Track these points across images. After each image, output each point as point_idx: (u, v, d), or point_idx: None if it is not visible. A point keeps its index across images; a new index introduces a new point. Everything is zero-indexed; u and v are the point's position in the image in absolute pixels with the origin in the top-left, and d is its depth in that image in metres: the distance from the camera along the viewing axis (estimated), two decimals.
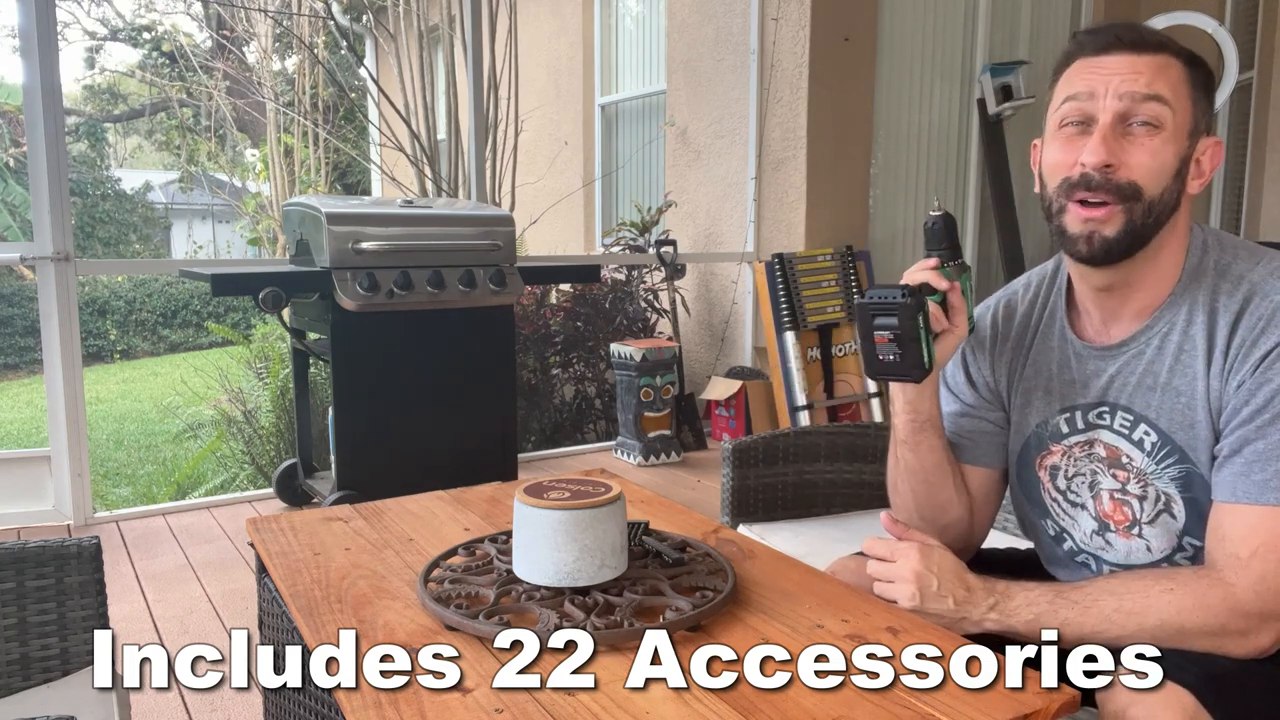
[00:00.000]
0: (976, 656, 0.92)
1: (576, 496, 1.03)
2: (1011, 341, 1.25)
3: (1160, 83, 1.04)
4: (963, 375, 1.30)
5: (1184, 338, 1.08)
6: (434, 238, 3.10)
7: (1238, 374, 1.03)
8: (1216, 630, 0.99)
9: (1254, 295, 1.04)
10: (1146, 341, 1.11)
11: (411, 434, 3.12)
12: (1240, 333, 1.04)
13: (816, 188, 4.42)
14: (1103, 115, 1.06)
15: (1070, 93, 1.09)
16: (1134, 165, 1.04)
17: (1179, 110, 1.05)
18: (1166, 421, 1.09)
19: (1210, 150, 1.09)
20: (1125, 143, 1.05)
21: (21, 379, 11.41)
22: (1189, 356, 1.07)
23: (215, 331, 7.97)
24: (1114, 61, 1.06)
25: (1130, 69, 1.05)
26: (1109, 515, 1.17)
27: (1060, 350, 1.20)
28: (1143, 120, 1.04)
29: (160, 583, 2.76)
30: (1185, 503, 1.10)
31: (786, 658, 0.93)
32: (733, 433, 4.50)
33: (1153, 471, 1.11)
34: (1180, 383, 1.08)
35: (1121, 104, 1.05)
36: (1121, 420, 1.13)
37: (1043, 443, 1.22)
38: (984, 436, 1.28)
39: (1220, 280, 1.08)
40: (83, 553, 1.33)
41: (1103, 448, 1.16)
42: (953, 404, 1.30)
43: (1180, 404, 1.08)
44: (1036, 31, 5.28)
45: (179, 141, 13.62)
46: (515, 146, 5.77)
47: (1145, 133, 1.05)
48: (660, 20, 5.70)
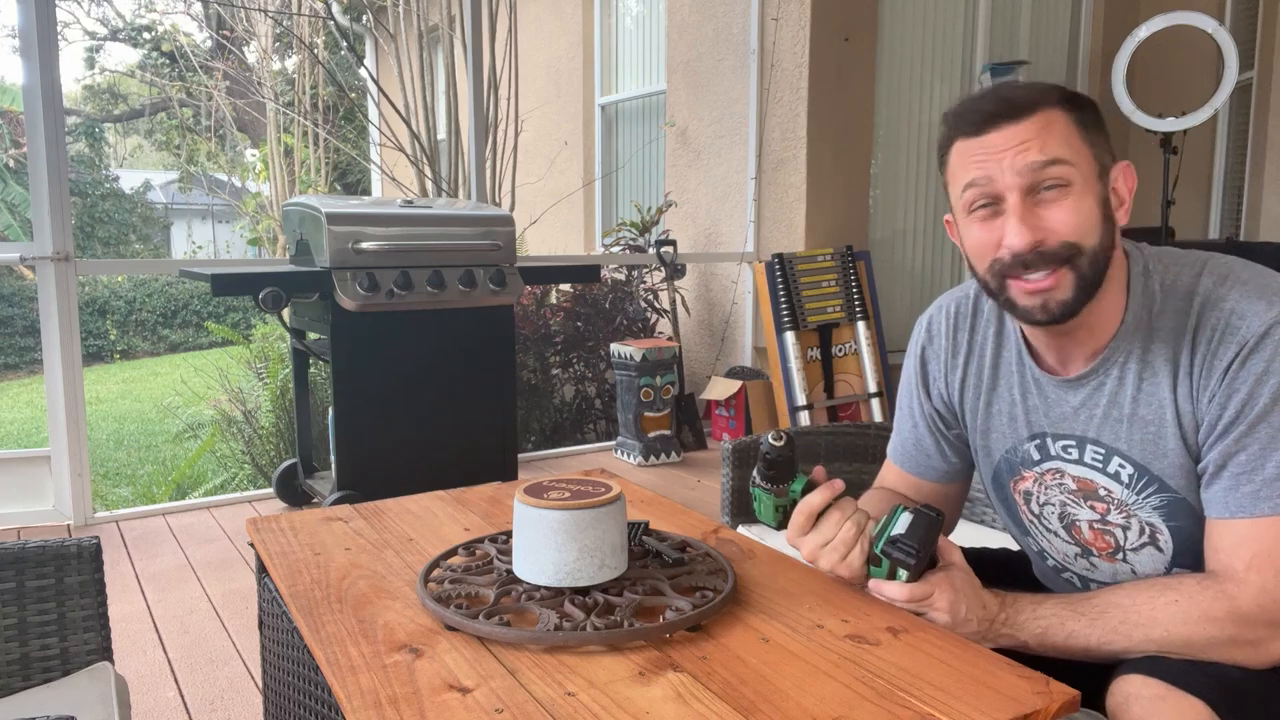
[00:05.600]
0: (976, 656, 0.92)
1: (576, 496, 1.03)
2: (965, 361, 1.23)
3: (1052, 143, 1.00)
4: (922, 392, 1.28)
5: (1143, 365, 1.05)
6: (434, 238, 3.10)
7: (1207, 389, 1.01)
8: (1226, 641, 0.98)
9: (1206, 308, 1.02)
10: (1106, 373, 1.08)
11: (411, 434, 3.12)
12: (1200, 347, 1.01)
13: (816, 188, 4.42)
14: (1010, 195, 1.01)
15: (967, 179, 1.04)
16: (1060, 229, 1.00)
17: (1079, 160, 1.01)
18: (1139, 452, 1.07)
19: (1123, 176, 1.06)
20: (1041, 211, 1.01)
21: (21, 379, 11.42)
22: (1151, 385, 1.05)
23: (215, 331, 7.96)
24: (996, 138, 1.01)
25: (1016, 141, 1.00)
26: (1090, 543, 1.15)
27: (1020, 376, 1.17)
28: (1050, 184, 1.00)
29: (160, 583, 2.76)
30: (1172, 532, 1.08)
31: (786, 658, 0.93)
32: (733, 433, 4.50)
33: (1134, 502, 1.09)
34: (1146, 412, 1.05)
35: (1023, 179, 1.00)
36: (1093, 454, 1.11)
37: (1014, 468, 1.20)
38: (944, 453, 1.29)
39: (1169, 300, 1.04)
40: (83, 553, 1.33)
41: (1072, 480, 1.14)
42: (914, 420, 1.30)
43: (1150, 434, 1.06)
44: (1036, 31, 5.28)
45: (179, 141, 13.63)
46: (515, 146, 5.77)
47: (1057, 194, 1.00)
48: (660, 20, 5.70)
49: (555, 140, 6.75)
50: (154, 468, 6.98)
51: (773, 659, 0.92)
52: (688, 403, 4.40)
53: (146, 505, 4.18)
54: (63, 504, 3.27)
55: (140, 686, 2.15)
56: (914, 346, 1.30)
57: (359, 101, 10.45)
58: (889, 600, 1.05)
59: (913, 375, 1.30)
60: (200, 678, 2.19)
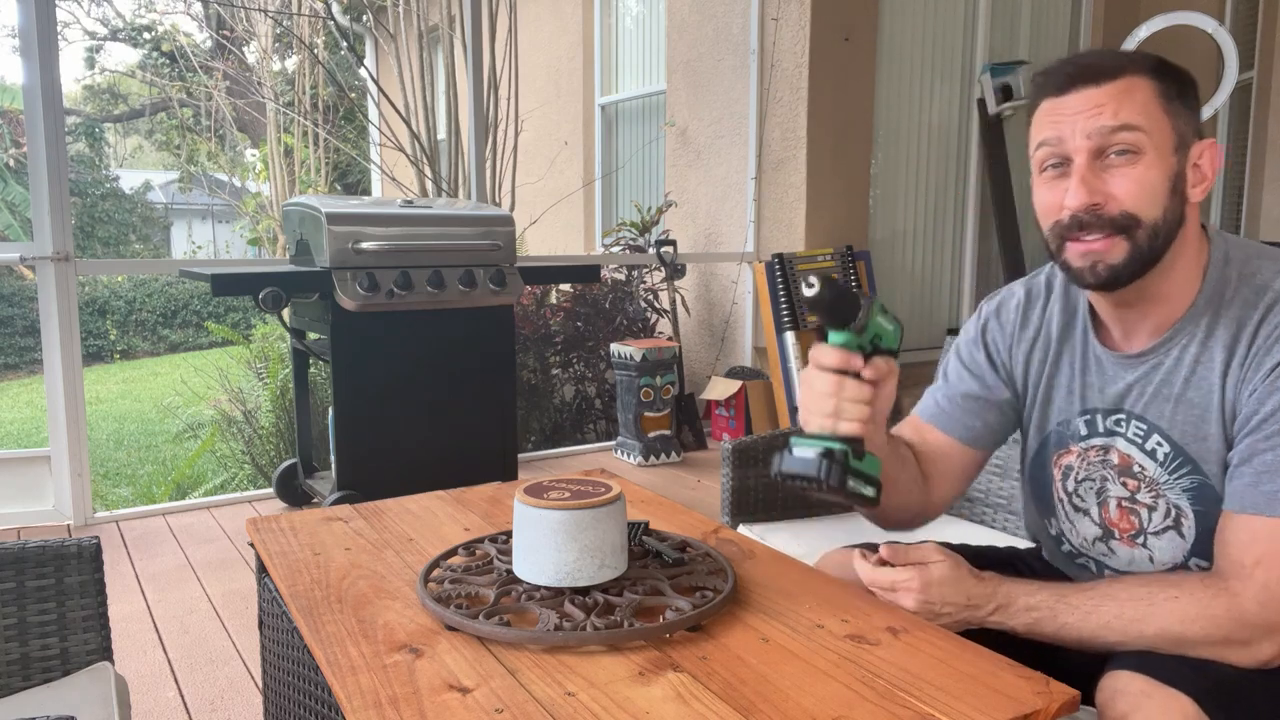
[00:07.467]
0: (976, 657, 0.92)
1: (576, 496, 1.03)
2: (1034, 334, 1.23)
3: (1127, 109, 1.01)
4: (982, 355, 1.27)
5: (1202, 349, 1.06)
6: (434, 238, 3.10)
7: (1250, 381, 1.02)
8: (1219, 640, 0.99)
9: (1275, 306, 1.03)
10: (1166, 352, 1.09)
11: (411, 434, 3.12)
12: (1259, 341, 1.03)
13: (816, 188, 4.42)
14: (1076, 156, 1.03)
15: (1041, 138, 1.06)
16: (1121, 196, 1.02)
17: (1155, 130, 1.01)
18: (1179, 433, 1.08)
19: (1207, 153, 1.06)
20: (1106, 176, 1.02)
21: (21, 379, 11.42)
22: (1205, 368, 1.06)
23: (215, 331, 7.97)
24: (1075, 100, 1.03)
25: (1092, 104, 1.02)
26: (1114, 523, 1.16)
27: (1083, 352, 1.18)
28: (1119, 149, 1.01)
29: (160, 583, 2.76)
30: (1196, 517, 1.09)
31: (786, 658, 0.93)
32: (733, 433, 4.50)
33: (1165, 482, 1.10)
34: (1195, 394, 1.07)
35: (1091, 141, 1.02)
36: (1135, 429, 1.13)
37: (1062, 441, 1.21)
38: (986, 417, 1.26)
39: (1242, 289, 1.06)
40: (83, 553, 1.33)
41: (1116, 455, 1.15)
42: (965, 383, 1.27)
43: (1194, 415, 1.07)
44: (1036, 31, 5.28)
45: (179, 141, 13.62)
46: (515, 146, 5.77)
47: (1125, 161, 1.01)
48: (660, 20, 5.70)
49: (555, 140, 6.75)
50: (154, 468, 6.99)
51: (773, 659, 0.92)
52: (688, 403, 4.40)
53: (146, 505, 4.18)
54: (63, 504, 3.27)
55: (140, 686, 2.15)
56: (977, 319, 1.30)
57: (359, 101, 10.45)
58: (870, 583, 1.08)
59: (973, 340, 1.28)
60: (200, 678, 2.19)
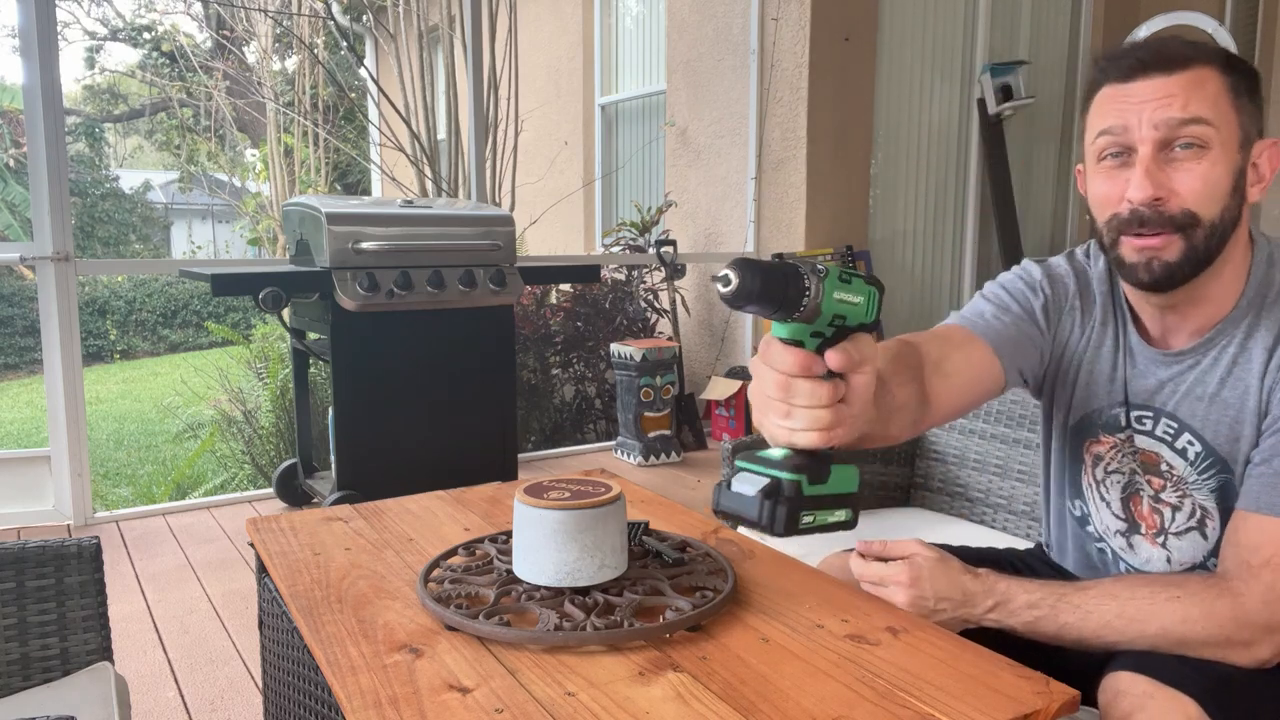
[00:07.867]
0: (976, 657, 0.92)
1: (576, 496, 1.03)
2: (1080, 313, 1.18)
3: (1197, 102, 0.97)
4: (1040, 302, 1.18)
5: (1240, 350, 1.05)
6: (434, 238, 3.10)
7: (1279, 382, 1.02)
8: (1220, 641, 0.98)
9: None
10: (1205, 353, 1.08)
11: (411, 434, 3.11)
12: None
13: (816, 188, 4.42)
14: (1141, 146, 0.99)
15: (1103, 126, 1.02)
16: (1185, 193, 0.98)
17: (1223, 125, 0.98)
18: (1211, 433, 1.07)
19: (1268, 152, 1.03)
20: (1171, 170, 0.98)
21: (21, 379, 11.41)
22: (1243, 369, 1.05)
23: (215, 331, 7.96)
24: (1143, 87, 0.99)
25: (1162, 93, 0.98)
26: (1142, 517, 1.15)
27: (1123, 343, 1.16)
28: (1185, 142, 0.97)
29: (160, 583, 2.76)
30: (1221, 516, 1.08)
31: (786, 658, 0.93)
32: (733, 433, 4.50)
33: (1194, 481, 1.09)
34: (1230, 395, 1.05)
35: (1159, 132, 0.98)
36: (1165, 427, 1.11)
37: (1095, 430, 1.19)
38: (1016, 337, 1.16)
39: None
40: (83, 553, 1.33)
41: (1144, 451, 1.14)
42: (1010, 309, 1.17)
43: (1228, 416, 1.06)
44: (1036, 31, 5.28)
45: (179, 141, 13.62)
46: (515, 146, 5.77)
47: (1191, 155, 0.98)
48: (660, 20, 5.70)
49: (555, 140, 6.75)
50: (154, 468, 6.98)
51: (773, 659, 0.92)
52: (688, 403, 4.40)
53: (146, 505, 4.18)
54: (63, 504, 3.27)
55: (140, 686, 2.15)
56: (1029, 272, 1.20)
57: (359, 101, 10.45)
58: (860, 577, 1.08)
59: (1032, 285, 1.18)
60: (200, 678, 2.19)
